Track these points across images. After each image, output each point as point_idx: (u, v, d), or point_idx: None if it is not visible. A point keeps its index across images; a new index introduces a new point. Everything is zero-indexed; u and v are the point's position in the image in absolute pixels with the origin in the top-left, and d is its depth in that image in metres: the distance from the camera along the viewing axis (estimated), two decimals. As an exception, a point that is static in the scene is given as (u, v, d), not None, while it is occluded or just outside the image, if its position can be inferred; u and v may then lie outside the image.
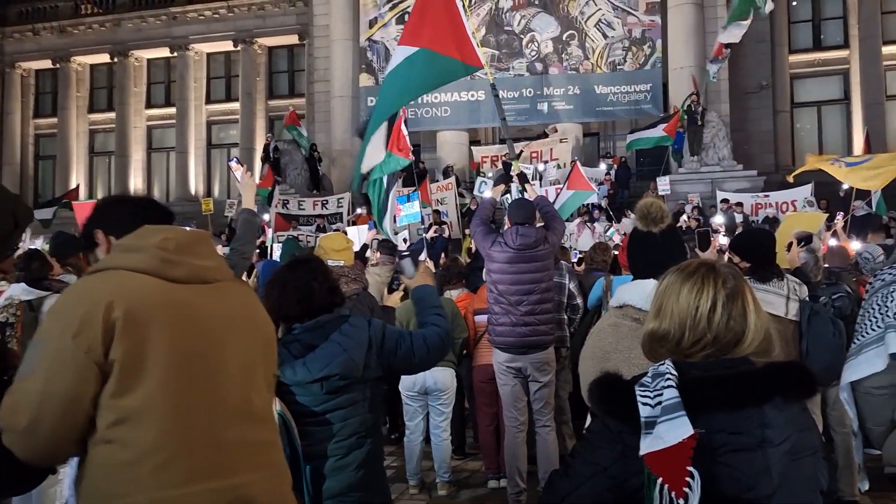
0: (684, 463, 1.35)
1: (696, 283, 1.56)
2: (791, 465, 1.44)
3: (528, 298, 4.79)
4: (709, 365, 1.52)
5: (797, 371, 1.52)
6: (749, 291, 1.56)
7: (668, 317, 1.57)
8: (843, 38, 22.25)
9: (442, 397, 5.37)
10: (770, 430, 1.43)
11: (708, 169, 17.72)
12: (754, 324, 1.53)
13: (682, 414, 1.39)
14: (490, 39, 20.90)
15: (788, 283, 4.00)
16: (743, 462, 1.41)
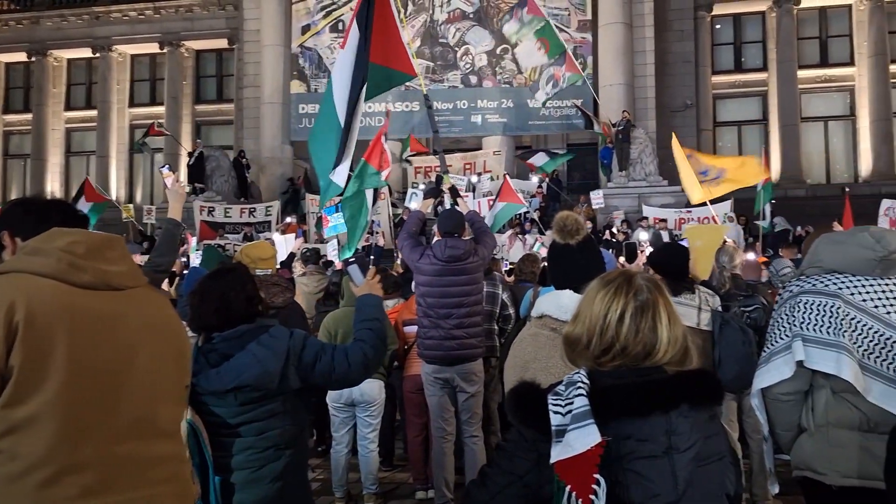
0: (591, 470, 1.36)
1: (609, 291, 1.59)
2: (697, 471, 1.46)
3: (457, 311, 4.74)
4: (620, 374, 1.54)
5: (704, 379, 1.55)
6: (664, 304, 1.58)
7: (581, 322, 1.61)
8: (762, 62, 23.29)
9: (369, 409, 5.30)
10: (676, 437, 1.45)
11: (635, 184, 18.16)
12: (667, 336, 1.55)
13: (590, 422, 1.41)
14: (425, 51, 20.94)
15: (700, 294, 4.10)
16: (650, 469, 1.43)
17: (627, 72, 19.70)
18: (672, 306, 1.61)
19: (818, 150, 23.14)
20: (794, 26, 22.62)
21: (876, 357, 2.38)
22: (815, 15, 23.14)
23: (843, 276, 2.49)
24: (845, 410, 2.41)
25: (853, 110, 22.74)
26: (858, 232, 2.57)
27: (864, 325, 2.40)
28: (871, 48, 22.14)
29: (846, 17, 22.90)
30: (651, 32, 20.76)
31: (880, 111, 21.90)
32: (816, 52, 23.17)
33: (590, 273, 2.31)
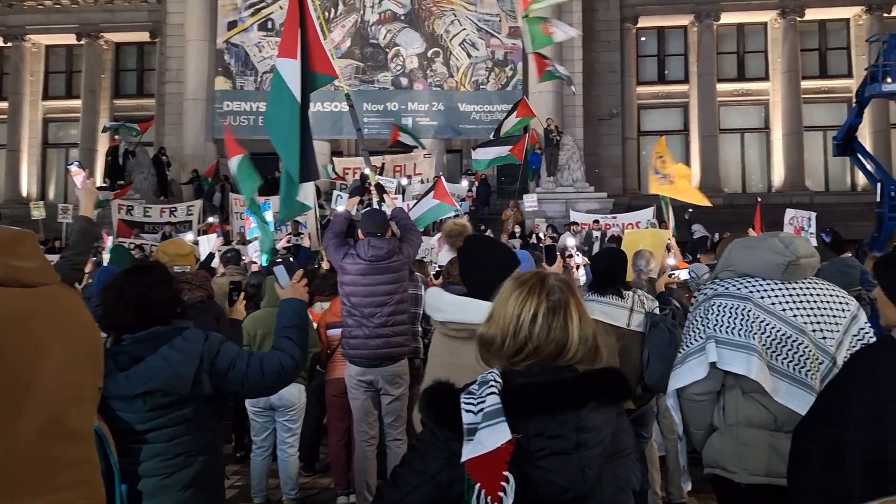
0: (501, 468, 1.38)
1: (522, 292, 1.61)
2: (606, 467, 1.50)
3: (382, 310, 4.73)
4: (532, 372, 1.57)
5: (612, 377, 1.58)
6: (575, 304, 1.61)
7: (495, 323, 1.62)
8: (684, 74, 24.10)
9: (288, 413, 5.19)
10: (586, 434, 1.48)
11: (563, 189, 18.46)
12: (577, 335, 1.59)
13: (501, 420, 1.43)
14: (355, 51, 20.76)
15: (634, 296, 4.20)
16: (559, 465, 1.46)
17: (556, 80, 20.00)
18: (583, 306, 1.64)
19: (735, 160, 24.10)
20: (714, 41, 23.52)
21: (783, 358, 2.48)
22: (734, 31, 24.13)
23: (754, 279, 2.58)
24: (754, 410, 2.49)
25: (767, 123, 23.80)
26: (769, 237, 2.64)
27: (772, 327, 2.49)
28: (784, 65, 23.23)
29: (762, 35, 23.97)
30: (579, 42, 21.17)
31: (792, 125, 22.99)
32: (734, 66, 24.16)
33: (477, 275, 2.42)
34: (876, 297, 2.06)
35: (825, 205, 20.03)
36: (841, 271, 4.64)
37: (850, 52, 23.44)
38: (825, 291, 2.59)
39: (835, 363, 2.48)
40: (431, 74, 20.81)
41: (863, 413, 1.86)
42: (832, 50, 23.90)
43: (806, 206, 16.34)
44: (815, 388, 2.43)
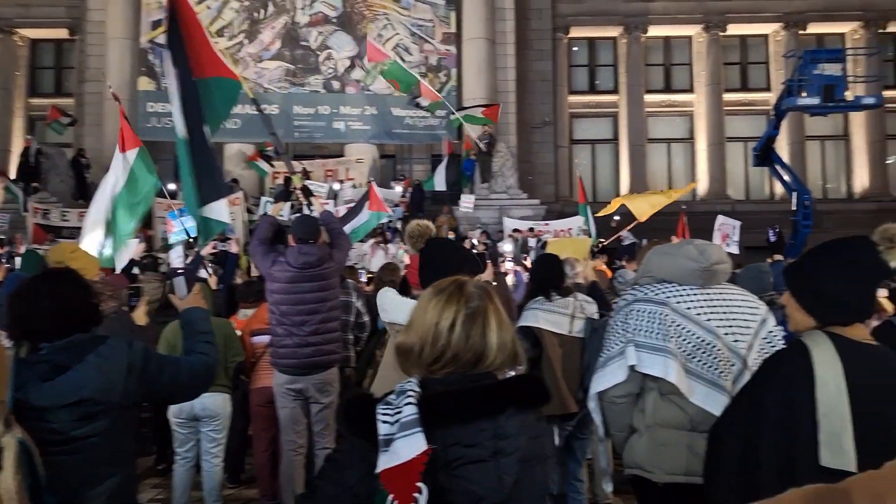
0: (414, 478, 1.38)
1: (440, 300, 1.61)
2: (523, 473, 1.50)
3: (313, 318, 4.68)
4: (450, 380, 1.56)
5: (530, 383, 1.60)
6: (493, 311, 1.61)
7: (414, 331, 1.62)
8: (613, 84, 24.63)
9: (212, 423, 5.04)
10: (503, 441, 1.49)
11: (496, 196, 18.55)
12: (496, 342, 1.58)
13: (417, 430, 1.43)
14: (286, 53, 20.38)
15: (575, 303, 4.29)
16: (477, 473, 1.46)
17: (490, 87, 20.15)
18: (502, 313, 1.64)
19: (662, 169, 24.76)
20: (642, 53, 24.13)
21: (698, 361, 2.58)
22: (661, 44, 24.82)
23: (672, 285, 2.68)
24: (672, 411, 2.58)
25: (692, 134, 24.55)
26: (685, 245, 2.74)
27: (688, 331, 2.59)
28: (708, 77, 24.04)
29: (687, 48, 24.74)
30: (512, 50, 21.40)
31: (715, 136, 23.79)
32: (661, 78, 24.84)
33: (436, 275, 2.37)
34: (785, 302, 2.14)
35: (746, 213, 20.77)
36: (755, 277, 4.73)
37: (769, 66, 24.43)
38: (737, 296, 2.70)
39: (746, 366, 2.58)
40: (363, 78, 20.60)
41: (775, 416, 1.94)
42: (752, 64, 24.86)
43: (728, 214, 16.86)
44: (728, 389, 2.54)
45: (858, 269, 2.02)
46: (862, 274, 2.03)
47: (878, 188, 23.58)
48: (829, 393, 1.90)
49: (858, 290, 2.02)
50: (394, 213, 16.51)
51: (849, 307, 2.02)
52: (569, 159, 24.09)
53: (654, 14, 23.94)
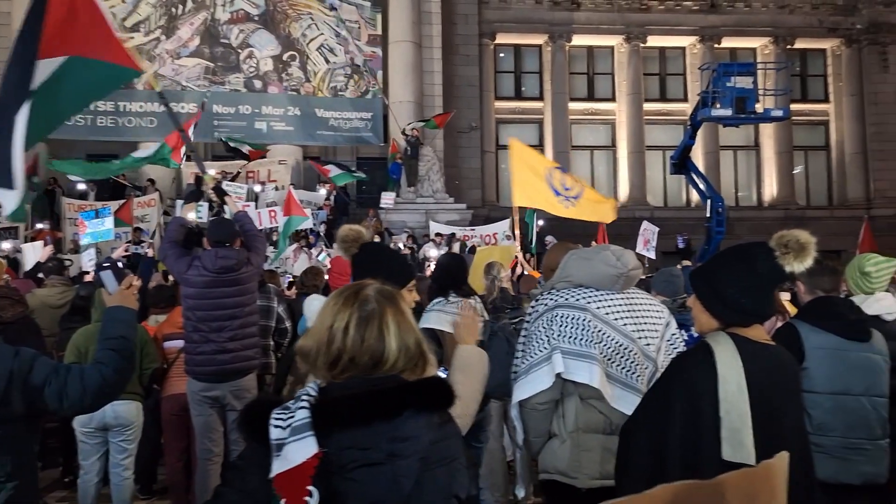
0: (305, 482, 1.39)
1: (337, 304, 1.63)
2: (424, 475, 1.50)
3: (231, 324, 4.59)
4: (350, 384, 1.56)
5: (432, 385, 1.60)
6: (393, 314, 1.61)
7: (312, 335, 1.63)
8: (539, 92, 24.97)
9: (124, 433, 4.89)
10: (400, 444, 1.49)
11: (423, 200, 18.49)
12: (396, 345, 1.58)
13: (308, 434, 1.44)
14: (205, 51, 19.72)
15: (476, 306, 4.21)
16: (372, 476, 1.46)
17: (417, 90, 20.07)
18: (404, 315, 1.63)
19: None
20: (566, 62, 24.58)
21: (616, 365, 2.63)
22: (584, 53, 25.34)
23: (590, 290, 2.71)
24: (593, 416, 2.61)
25: (614, 142, 25.17)
26: (603, 250, 2.78)
27: (608, 336, 2.63)
28: (629, 87, 24.69)
29: (609, 58, 25.34)
30: (439, 54, 21.38)
31: (636, 144, 24.46)
32: (585, 87, 25.35)
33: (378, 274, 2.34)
34: (691, 305, 2.25)
35: (664, 219, 21.38)
36: (667, 280, 4.87)
37: (687, 78, 25.29)
38: (645, 301, 2.78)
39: (657, 368, 2.66)
40: (287, 78, 20.15)
41: (681, 414, 2.02)
42: (671, 75, 25.69)
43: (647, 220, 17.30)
44: (643, 392, 2.58)
45: (756, 274, 2.12)
46: (759, 278, 2.12)
47: (786, 197, 24.74)
48: (731, 391, 1.99)
49: (756, 294, 2.13)
50: (317, 217, 16.21)
51: (748, 309, 2.12)
52: (495, 164, 24.26)
53: (578, 24, 24.41)
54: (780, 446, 1.91)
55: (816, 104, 25.68)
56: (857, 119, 25.01)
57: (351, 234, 2.74)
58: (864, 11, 25.03)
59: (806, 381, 3.18)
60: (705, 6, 24.78)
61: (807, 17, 25.13)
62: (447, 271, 4.51)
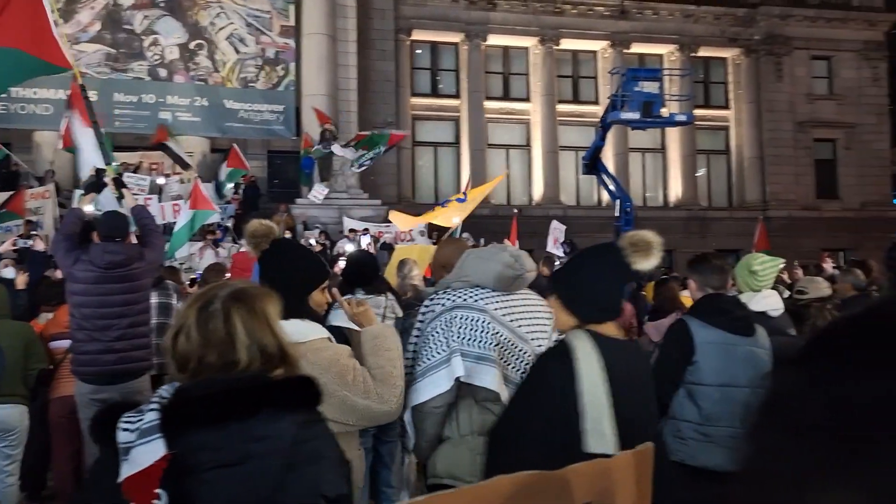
0: (153, 485, 1.36)
1: (188, 304, 1.62)
2: (288, 476, 1.47)
3: (120, 322, 4.43)
4: (205, 384, 1.54)
5: (294, 384, 1.57)
6: (240, 314, 1.58)
7: (167, 336, 1.62)
8: (455, 89, 25.07)
9: (8, 438, 4.66)
10: (257, 444, 1.46)
11: (336, 195, 18.20)
12: (245, 344, 1.56)
13: (157, 436, 1.41)
14: (106, 36, 18.77)
15: (387, 302, 4.34)
16: (225, 478, 1.44)
17: (331, 84, 19.74)
18: (258, 315, 1.60)
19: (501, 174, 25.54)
20: (482, 61, 24.78)
21: (511, 366, 2.62)
22: (500, 53, 25.62)
23: (486, 290, 2.68)
24: (489, 418, 2.58)
25: (529, 141, 25.56)
26: (501, 251, 2.75)
27: (504, 337, 2.62)
28: (543, 88, 25.14)
29: (524, 59, 25.72)
30: (354, 48, 21.11)
31: (550, 144, 24.93)
32: (500, 86, 25.63)
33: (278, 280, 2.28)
34: (552, 304, 2.31)
35: (576, 218, 21.95)
36: None
37: (598, 81, 25.97)
38: (536, 302, 2.77)
39: None
40: (194, 68, 19.41)
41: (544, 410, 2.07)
42: (583, 78, 26.32)
43: (560, 219, 17.68)
44: None
45: (608, 273, 2.22)
46: (611, 277, 2.23)
47: (689, 198, 25.81)
48: (591, 384, 2.05)
49: (609, 291, 2.22)
50: (225, 211, 15.71)
51: (602, 306, 2.21)
52: (411, 161, 24.21)
53: (494, 24, 24.66)
54: (638, 435, 2.04)
55: (718, 110, 26.91)
56: (755, 125, 26.37)
57: (261, 228, 2.60)
58: (761, 23, 26.40)
59: (696, 374, 3.30)
60: (616, 12, 25.53)
61: (710, 27, 26.28)
62: (355, 267, 4.49)
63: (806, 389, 0.56)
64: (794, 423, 0.54)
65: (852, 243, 25.19)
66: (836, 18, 26.81)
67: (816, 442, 0.52)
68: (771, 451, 0.55)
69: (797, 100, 26.50)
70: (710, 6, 26.22)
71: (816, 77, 26.95)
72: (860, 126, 26.80)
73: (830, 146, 26.93)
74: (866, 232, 25.20)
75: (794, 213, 25.74)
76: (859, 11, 27.04)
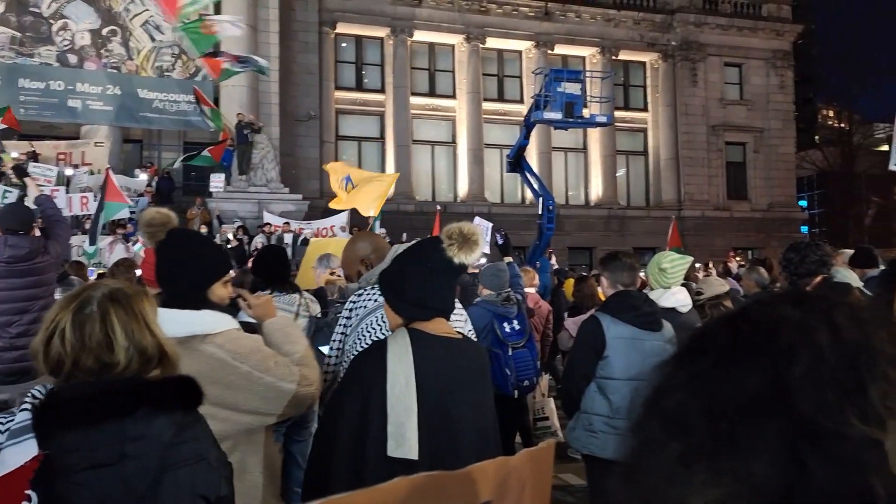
0: (23, 486, 1.34)
1: (59, 306, 1.57)
2: (164, 476, 1.46)
3: (22, 318, 4.29)
4: (79, 385, 1.51)
5: (173, 384, 1.55)
6: (118, 315, 1.56)
7: (37, 337, 1.56)
8: (380, 84, 24.89)
9: None
10: (133, 444, 1.44)
11: (256, 189, 17.77)
12: (125, 346, 1.53)
13: (28, 437, 1.39)
14: (10, 19, 17.75)
15: (301, 300, 4.19)
16: (97, 478, 1.42)
17: (251, 75, 19.19)
18: (137, 316, 1.57)
19: (426, 170, 25.57)
20: (408, 56, 24.71)
21: None
22: (426, 49, 25.62)
23: None
24: None
25: (454, 138, 25.67)
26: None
27: None
28: (469, 86, 25.28)
29: (451, 56, 25.80)
30: (276, 39, 20.67)
31: (475, 141, 25.10)
32: (426, 82, 25.62)
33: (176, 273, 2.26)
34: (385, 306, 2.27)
35: (501, 215, 22.17)
36: (494, 274, 5.05)
37: (523, 80, 26.32)
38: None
39: None
40: (107, 54, 18.56)
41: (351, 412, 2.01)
42: (508, 77, 26.63)
43: (485, 216, 17.78)
44: None
45: (427, 268, 2.16)
46: (431, 272, 2.15)
47: (609, 197, 26.51)
48: (398, 386, 1.99)
49: (430, 287, 2.15)
50: (137, 204, 15.11)
51: (424, 303, 2.14)
52: (335, 155, 23.88)
53: (420, 20, 24.63)
54: (451, 438, 2.00)
55: (637, 112, 27.75)
56: (671, 128, 27.33)
57: (157, 217, 2.47)
58: (678, 30, 27.36)
59: (607, 369, 3.37)
60: (540, 14, 25.92)
61: (629, 32, 27.05)
62: (263, 263, 4.36)
63: (681, 386, 0.58)
64: (669, 417, 0.56)
65: (760, 242, 26.49)
66: (747, 27, 28.07)
67: (687, 436, 0.54)
68: (648, 444, 0.57)
69: (711, 104, 27.61)
70: (630, 11, 26.99)
71: (729, 83, 28.16)
72: (768, 131, 28.17)
73: (741, 149, 28.20)
74: (773, 231, 26.55)
75: (707, 212, 26.82)
76: (768, 21, 28.39)
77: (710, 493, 0.51)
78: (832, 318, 0.56)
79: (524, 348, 5.41)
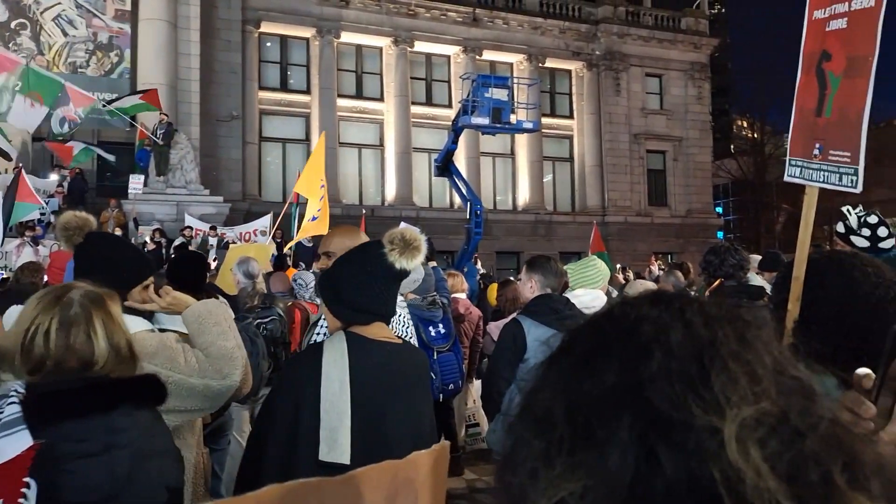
0: (21, 475, 1.37)
1: (38, 306, 1.61)
2: (138, 466, 1.54)
3: None
4: (67, 381, 1.56)
5: (147, 382, 1.66)
6: (100, 317, 1.62)
7: (10, 337, 1.61)
8: (306, 85, 24.45)
9: None
10: (117, 436, 1.53)
11: (174, 191, 17.15)
12: (105, 346, 1.60)
13: (21, 428, 1.43)
14: None
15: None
16: (87, 468, 1.48)
17: (170, 73, 18.59)
18: (113, 317, 1.65)
19: (353, 173, 25.29)
20: (335, 57, 24.37)
21: None
22: (353, 51, 25.34)
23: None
24: None
25: (382, 141, 25.47)
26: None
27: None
28: (396, 89, 25.15)
29: (378, 58, 25.61)
30: (197, 37, 20.04)
31: (403, 145, 24.98)
32: (354, 84, 25.34)
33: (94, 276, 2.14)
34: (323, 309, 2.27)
35: (429, 219, 22.17)
36: (423, 278, 4.96)
37: (451, 85, 26.39)
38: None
39: None
40: (15, 48, 17.56)
41: (282, 414, 2.01)
42: (437, 81, 26.64)
43: (413, 220, 17.73)
44: None
45: (367, 272, 2.15)
46: (371, 276, 2.15)
47: (536, 202, 26.87)
48: (332, 390, 1.98)
49: (370, 291, 2.14)
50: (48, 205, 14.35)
51: (363, 307, 2.14)
52: (258, 157, 23.34)
53: (347, 21, 24.36)
54: (386, 443, 1.99)
55: (563, 119, 28.25)
56: (596, 135, 27.95)
57: (74, 220, 2.40)
58: (602, 40, 28.04)
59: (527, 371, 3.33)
60: (468, 19, 26.07)
61: (556, 40, 27.54)
62: (177, 268, 4.21)
63: (549, 385, 0.60)
64: (536, 416, 0.59)
65: (679, 247, 27.39)
66: (667, 40, 29.03)
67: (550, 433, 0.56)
68: (518, 442, 0.59)
69: (633, 113, 28.40)
70: (556, 20, 27.48)
71: (650, 93, 29.04)
72: (686, 140, 29.19)
73: (661, 157, 29.10)
74: (691, 237, 27.52)
75: (630, 218, 27.55)
76: (686, 34, 29.44)
77: (565, 487, 0.53)
78: (685, 316, 0.59)
79: (450, 352, 5.38)
